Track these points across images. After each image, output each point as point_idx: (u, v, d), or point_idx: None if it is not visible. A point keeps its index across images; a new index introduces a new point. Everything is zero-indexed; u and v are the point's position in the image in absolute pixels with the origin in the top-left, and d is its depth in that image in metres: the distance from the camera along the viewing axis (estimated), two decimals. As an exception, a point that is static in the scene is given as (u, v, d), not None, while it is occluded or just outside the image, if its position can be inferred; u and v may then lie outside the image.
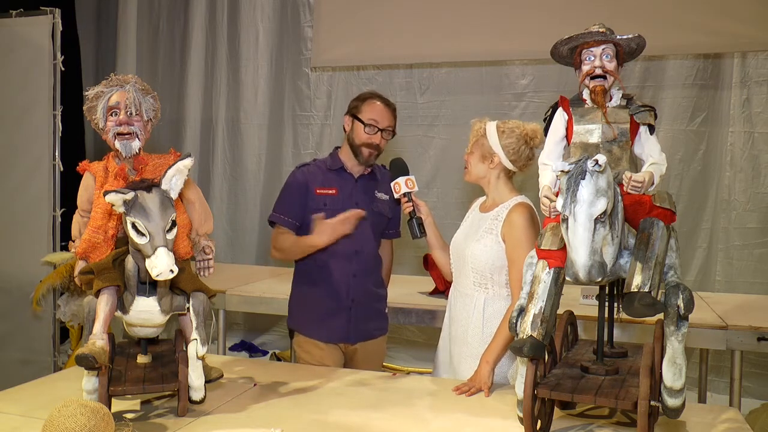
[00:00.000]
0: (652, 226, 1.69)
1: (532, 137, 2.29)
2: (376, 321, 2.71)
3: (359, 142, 2.55)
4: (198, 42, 5.36)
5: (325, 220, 2.47)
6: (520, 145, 2.29)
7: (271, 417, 1.89)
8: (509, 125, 2.32)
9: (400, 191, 2.46)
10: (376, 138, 2.53)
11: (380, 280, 2.73)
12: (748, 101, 4.23)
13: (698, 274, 4.35)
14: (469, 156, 2.39)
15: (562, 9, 4.22)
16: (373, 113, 2.54)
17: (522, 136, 2.29)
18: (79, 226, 2.01)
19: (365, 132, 2.53)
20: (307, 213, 2.54)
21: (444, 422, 1.89)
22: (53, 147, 4.09)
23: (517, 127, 2.31)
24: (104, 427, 1.57)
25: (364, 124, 2.53)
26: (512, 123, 2.34)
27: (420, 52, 4.70)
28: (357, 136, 2.55)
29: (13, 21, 4.17)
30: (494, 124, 2.33)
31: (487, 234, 2.31)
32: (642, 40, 1.83)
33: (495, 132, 2.31)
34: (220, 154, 5.38)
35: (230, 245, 5.34)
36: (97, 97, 1.95)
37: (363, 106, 2.56)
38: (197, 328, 1.84)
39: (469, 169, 2.40)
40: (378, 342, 2.73)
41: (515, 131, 2.29)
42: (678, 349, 1.64)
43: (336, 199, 2.54)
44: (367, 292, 2.65)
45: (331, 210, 2.52)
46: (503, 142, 2.29)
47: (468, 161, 2.39)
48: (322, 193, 2.55)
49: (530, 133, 2.29)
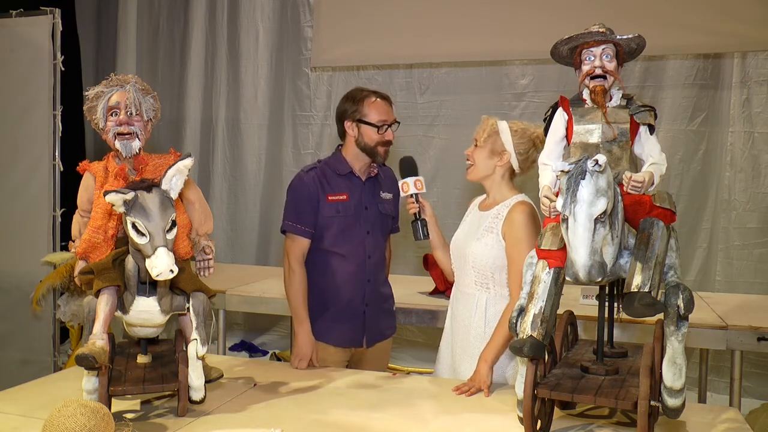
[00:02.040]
0: (652, 226, 1.69)
1: (540, 141, 2.27)
2: (387, 320, 2.71)
3: (373, 144, 2.49)
4: (198, 42, 5.36)
5: (307, 347, 2.44)
6: (529, 148, 2.30)
7: (271, 417, 1.89)
8: (520, 126, 2.33)
9: (408, 191, 2.44)
10: (389, 135, 2.51)
11: (386, 279, 2.73)
12: (748, 101, 4.23)
13: (698, 274, 4.35)
14: (475, 151, 2.35)
15: (562, 9, 4.22)
16: (380, 113, 2.50)
17: (532, 138, 2.30)
18: (79, 226, 2.01)
19: (378, 133, 2.49)
20: (320, 219, 2.50)
21: (444, 422, 1.89)
22: (53, 147, 4.09)
23: (527, 129, 2.32)
24: (104, 427, 1.57)
25: (375, 126, 2.48)
26: (522, 125, 2.34)
27: (420, 52, 4.70)
28: (369, 139, 2.49)
29: (13, 21, 4.17)
30: (505, 123, 2.34)
31: (487, 233, 2.31)
32: (642, 40, 1.83)
33: (508, 130, 2.32)
34: (220, 154, 5.38)
35: (230, 245, 5.33)
36: (97, 97, 1.96)
37: (365, 109, 2.50)
38: (197, 328, 1.84)
39: (475, 165, 2.35)
40: (388, 341, 2.73)
41: (526, 133, 2.31)
42: (678, 349, 1.64)
43: (347, 205, 2.52)
44: (378, 294, 2.64)
45: (343, 216, 2.50)
46: (515, 140, 2.30)
47: (474, 157, 2.35)
48: (334, 199, 2.50)
49: (539, 137, 2.28)
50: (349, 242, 2.53)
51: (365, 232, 2.55)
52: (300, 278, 2.48)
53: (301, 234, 2.49)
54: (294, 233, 2.49)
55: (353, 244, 2.53)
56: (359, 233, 2.54)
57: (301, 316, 2.46)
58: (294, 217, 2.50)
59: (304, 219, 2.49)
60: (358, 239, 2.54)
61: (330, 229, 2.50)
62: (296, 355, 2.43)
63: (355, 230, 2.53)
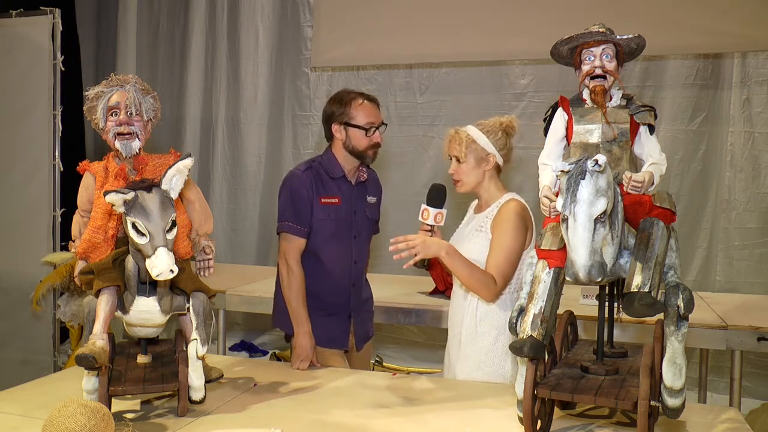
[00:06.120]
0: (652, 226, 1.69)
1: (510, 127, 2.36)
2: (370, 321, 2.74)
3: (362, 147, 2.48)
4: (198, 42, 5.36)
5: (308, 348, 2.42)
6: (505, 139, 2.35)
7: (271, 417, 1.89)
8: (488, 124, 2.36)
9: (428, 220, 2.41)
10: (376, 137, 2.50)
11: (366, 280, 2.73)
12: (748, 101, 4.23)
13: (698, 274, 4.35)
14: (460, 167, 2.36)
15: (562, 9, 4.22)
16: (368, 115, 2.48)
17: (504, 130, 2.35)
18: (79, 226, 2.01)
19: (367, 136, 2.47)
20: (313, 219, 2.48)
21: (444, 422, 1.89)
22: (53, 147, 4.09)
23: (494, 124, 2.36)
24: (104, 427, 1.57)
25: (363, 129, 2.47)
26: (489, 122, 2.37)
27: (420, 52, 4.70)
28: (358, 143, 2.48)
29: (13, 21, 4.17)
30: (473, 128, 2.36)
31: (477, 232, 2.35)
32: (642, 40, 1.83)
33: (481, 134, 2.34)
34: (220, 154, 5.38)
35: (230, 245, 5.34)
36: (97, 97, 1.96)
37: (352, 111, 2.47)
38: (197, 328, 1.84)
39: (463, 180, 2.38)
40: (371, 342, 2.76)
41: (496, 127, 2.35)
42: (678, 349, 1.64)
43: (338, 209, 2.51)
44: (361, 299, 2.65)
45: (334, 219, 2.49)
46: (492, 140, 2.33)
47: (459, 173, 2.37)
48: (327, 202, 2.49)
49: (507, 124, 2.35)
50: (337, 246, 2.52)
51: (352, 237, 2.55)
52: (299, 278, 2.47)
53: (299, 234, 2.48)
54: (292, 233, 2.47)
55: (340, 248, 2.53)
56: (347, 238, 2.54)
57: (302, 317, 2.45)
58: (293, 218, 2.48)
59: (301, 219, 2.47)
60: (346, 244, 2.54)
61: (319, 232, 2.49)
62: (297, 356, 2.43)
63: (343, 235, 2.53)
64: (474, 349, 2.34)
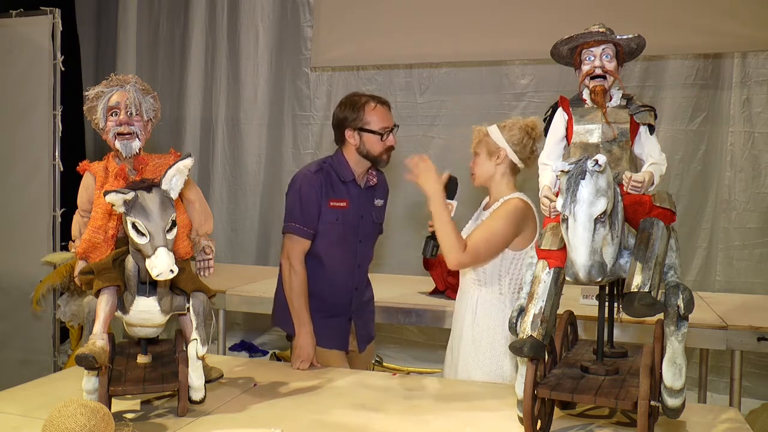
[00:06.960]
0: (652, 226, 1.69)
1: (532, 128, 2.36)
2: (372, 322, 2.75)
3: (377, 152, 2.46)
4: (198, 42, 5.36)
5: (309, 349, 2.42)
6: (522, 136, 2.35)
7: (271, 417, 1.89)
8: (509, 122, 2.39)
9: None
10: (391, 140, 2.48)
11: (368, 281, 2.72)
12: (748, 101, 4.23)
13: (698, 274, 4.35)
14: (474, 161, 2.42)
15: (562, 9, 4.22)
16: (382, 119, 2.46)
17: (523, 128, 2.35)
18: (79, 226, 2.01)
19: (381, 140, 2.45)
20: (320, 222, 2.47)
21: (444, 422, 1.89)
22: (53, 147, 4.09)
23: (515, 122, 2.38)
24: (104, 427, 1.57)
25: (379, 134, 2.44)
26: (510, 120, 2.40)
27: (420, 52, 4.70)
28: (372, 147, 2.46)
29: (13, 21, 4.17)
30: (494, 125, 2.40)
31: None
32: (642, 40, 1.83)
33: (497, 130, 2.37)
34: (220, 154, 5.38)
35: (230, 245, 5.34)
36: (97, 97, 1.95)
37: (366, 116, 2.44)
38: (197, 328, 1.84)
39: (476, 173, 2.43)
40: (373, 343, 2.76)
41: (516, 125, 2.36)
42: (678, 349, 1.64)
43: (347, 213, 2.49)
44: (363, 302, 2.65)
45: (341, 224, 2.49)
46: (506, 135, 2.35)
47: (473, 166, 2.43)
48: (335, 206, 2.47)
49: (530, 124, 2.36)
50: (342, 250, 2.52)
51: (358, 241, 2.55)
52: (302, 279, 2.46)
53: (305, 236, 2.46)
54: (298, 235, 2.46)
55: (345, 252, 2.53)
56: (352, 242, 2.54)
57: (303, 317, 2.45)
58: (300, 219, 2.45)
59: (308, 221, 2.46)
60: (351, 248, 2.54)
61: (326, 235, 2.48)
62: (298, 357, 2.42)
63: (349, 239, 2.53)
64: (473, 348, 2.34)
